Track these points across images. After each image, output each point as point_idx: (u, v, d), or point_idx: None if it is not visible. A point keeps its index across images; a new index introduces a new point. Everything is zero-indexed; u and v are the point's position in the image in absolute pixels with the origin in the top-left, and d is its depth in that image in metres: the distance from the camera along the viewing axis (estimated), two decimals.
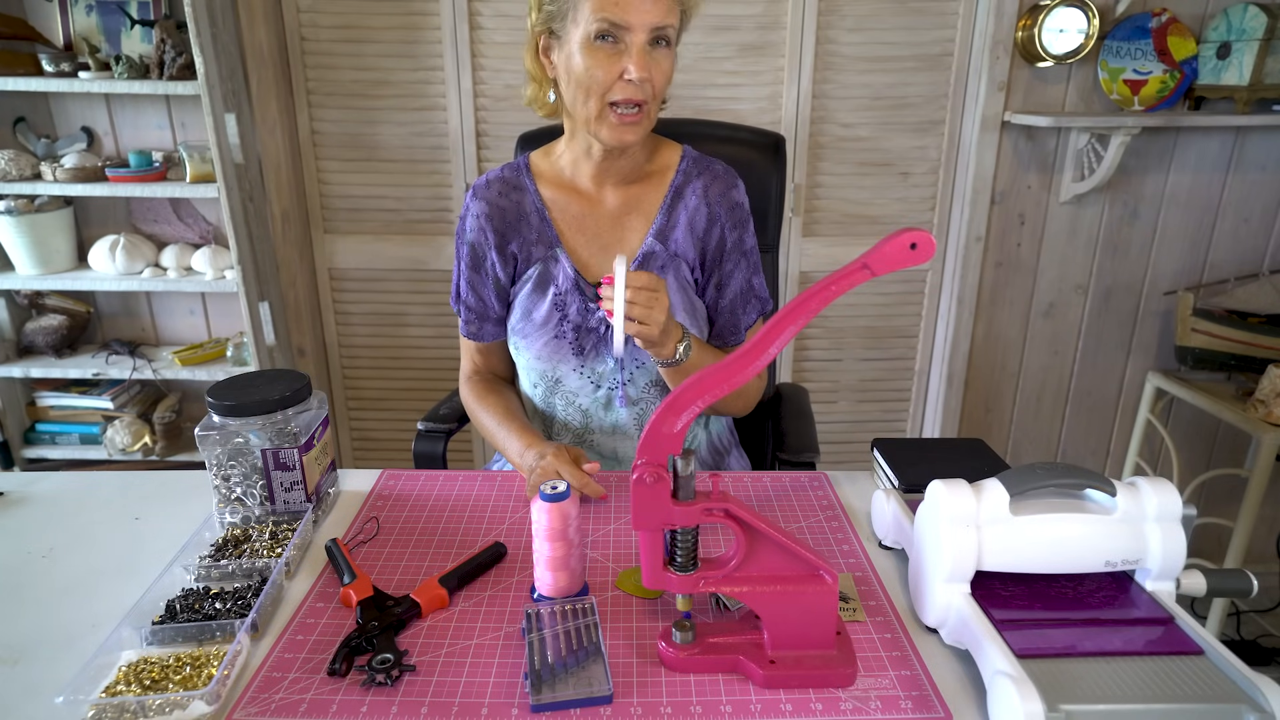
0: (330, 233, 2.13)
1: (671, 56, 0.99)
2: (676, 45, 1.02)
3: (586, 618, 0.74)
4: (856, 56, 1.98)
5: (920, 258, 0.66)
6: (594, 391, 1.13)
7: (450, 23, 1.94)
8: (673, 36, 0.98)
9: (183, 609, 0.75)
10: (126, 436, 2.02)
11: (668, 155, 1.14)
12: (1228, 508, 1.95)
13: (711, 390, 0.67)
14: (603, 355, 1.12)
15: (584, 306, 1.10)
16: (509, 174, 1.13)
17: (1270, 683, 0.59)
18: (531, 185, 1.12)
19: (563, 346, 1.11)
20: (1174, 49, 1.89)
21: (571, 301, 1.10)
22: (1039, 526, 0.71)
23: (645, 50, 0.95)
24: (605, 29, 0.94)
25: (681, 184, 1.11)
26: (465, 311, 1.17)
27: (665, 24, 0.95)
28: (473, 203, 1.12)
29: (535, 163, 1.14)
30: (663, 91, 1.00)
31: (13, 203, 1.91)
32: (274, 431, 0.88)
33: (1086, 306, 2.17)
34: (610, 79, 0.96)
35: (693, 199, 1.11)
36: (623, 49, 0.95)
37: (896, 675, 0.70)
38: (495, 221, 1.11)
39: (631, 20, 0.93)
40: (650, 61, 0.96)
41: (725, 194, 1.11)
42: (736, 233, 1.12)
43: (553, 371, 1.13)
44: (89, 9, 1.89)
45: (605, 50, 0.95)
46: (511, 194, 1.12)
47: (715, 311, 1.15)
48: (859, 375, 2.26)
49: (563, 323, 1.10)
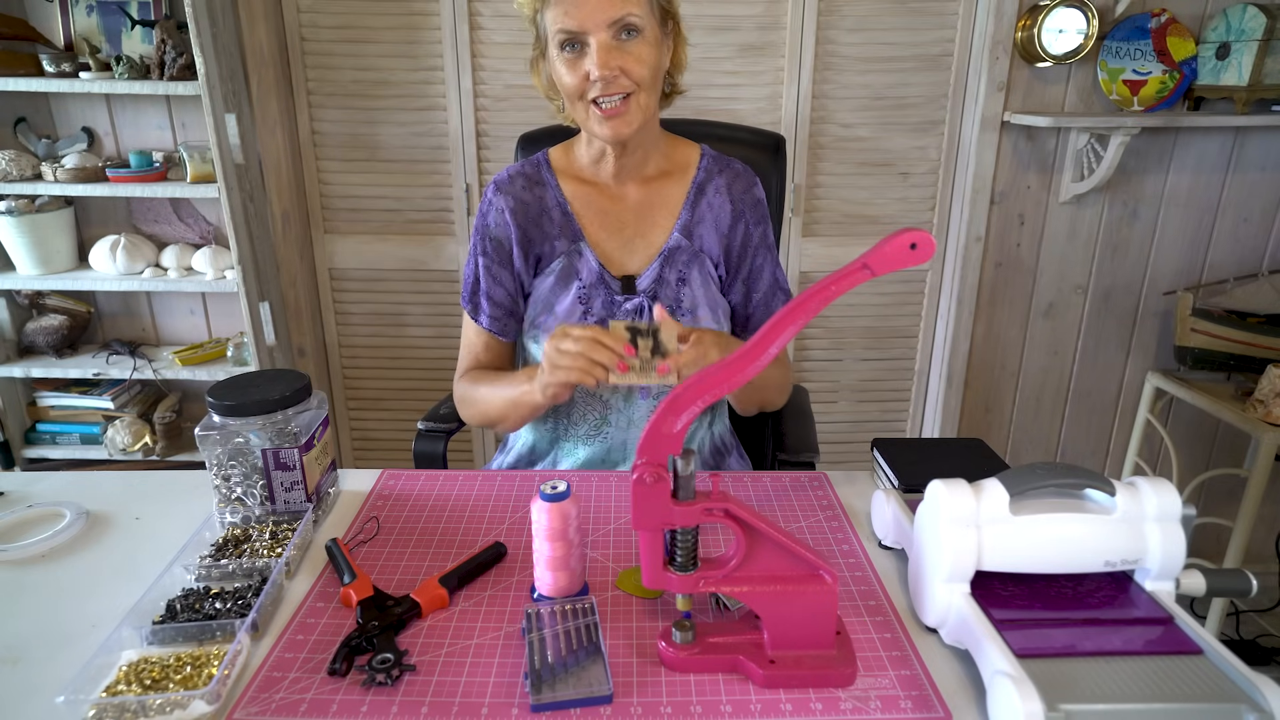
0: (330, 233, 2.13)
1: (648, 43, 0.98)
2: (665, 26, 1.02)
3: (586, 618, 0.74)
4: (856, 56, 1.98)
5: (920, 258, 0.66)
6: (612, 389, 1.12)
7: (450, 23, 1.94)
8: (640, 24, 0.97)
9: (183, 609, 0.75)
10: (127, 436, 2.02)
11: (687, 153, 1.15)
12: (1227, 508, 1.95)
13: (712, 390, 0.67)
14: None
15: (609, 300, 1.10)
16: (529, 169, 1.13)
17: (1270, 682, 0.59)
18: (553, 180, 1.12)
19: None
20: (1173, 49, 1.90)
21: (596, 295, 1.10)
22: (1039, 526, 0.71)
23: (608, 46, 0.95)
24: (565, 38, 0.97)
25: (704, 180, 1.13)
26: (490, 306, 1.14)
27: (623, 14, 0.95)
28: (496, 197, 1.12)
29: (555, 159, 1.15)
30: (650, 79, 0.99)
31: (13, 203, 1.91)
32: (274, 431, 0.88)
33: (1086, 306, 2.17)
34: (580, 83, 0.98)
35: (716, 196, 1.12)
36: (586, 52, 0.97)
37: (896, 675, 0.70)
38: (519, 216, 1.11)
39: (585, 23, 0.95)
40: (618, 55, 0.96)
41: (748, 191, 1.13)
42: (761, 227, 1.14)
43: None
44: (89, 9, 1.89)
45: (571, 58, 0.98)
46: (534, 189, 1.12)
47: (749, 306, 1.16)
48: (859, 375, 2.26)
49: (586, 316, 1.10)
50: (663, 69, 1.04)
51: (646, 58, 0.98)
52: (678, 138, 1.16)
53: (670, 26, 1.04)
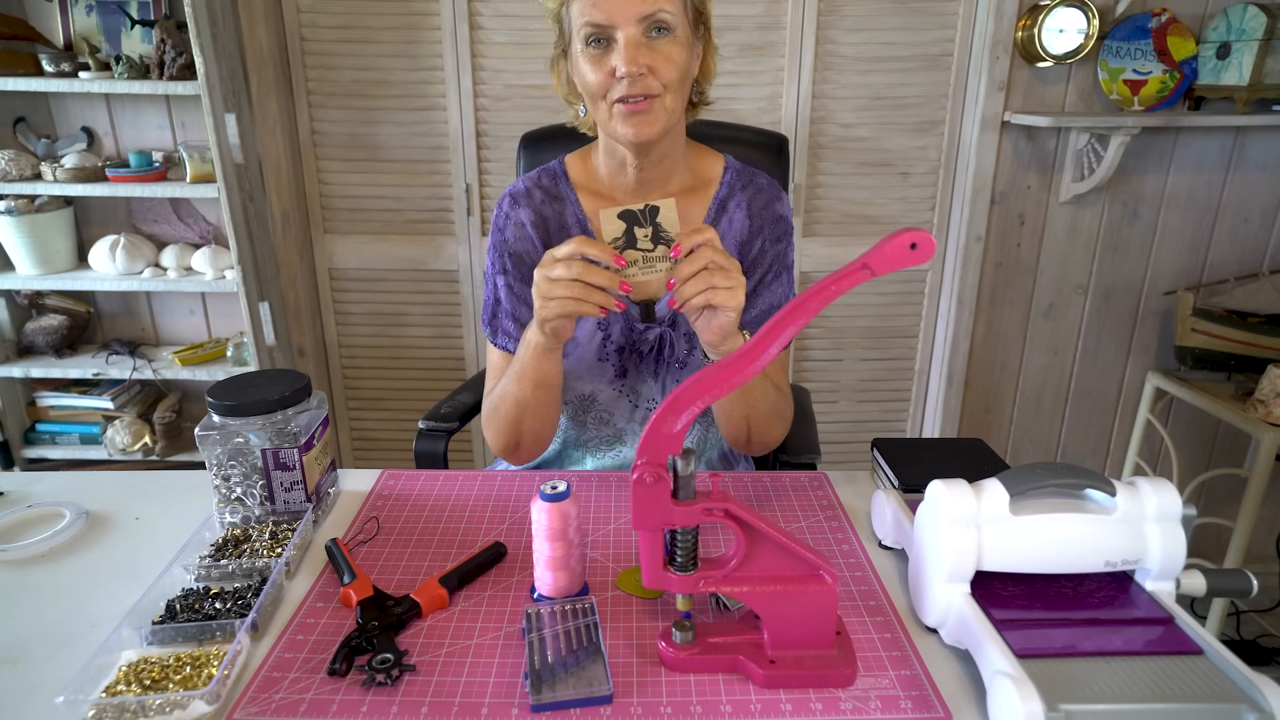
0: (330, 233, 2.13)
1: (679, 43, 0.92)
2: (696, 29, 0.96)
3: (586, 618, 0.74)
4: (856, 56, 1.98)
5: (920, 258, 0.66)
6: (631, 411, 1.11)
7: (450, 23, 1.94)
8: (672, 22, 0.91)
9: (183, 609, 0.75)
10: (126, 436, 2.02)
11: (710, 166, 1.09)
12: (1227, 508, 1.94)
13: (711, 390, 0.67)
14: (644, 375, 1.08)
15: (627, 328, 1.05)
16: (547, 182, 1.08)
17: (1270, 683, 0.59)
18: (572, 195, 1.07)
19: (605, 369, 1.06)
20: (1174, 49, 1.89)
21: (615, 321, 1.05)
22: (1039, 526, 0.71)
23: (637, 42, 0.90)
24: (591, 32, 0.91)
25: (725, 196, 1.07)
26: (515, 327, 1.07)
27: (655, 10, 0.89)
28: (514, 210, 1.06)
29: (572, 170, 1.09)
30: (678, 82, 0.93)
31: (13, 203, 1.91)
32: (274, 431, 0.88)
33: (1086, 306, 2.17)
34: (604, 80, 0.92)
35: (737, 212, 1.07)
36: (613, 48, 0.91)
37: (896, 675, 0.70)
38: (541, 230, 1.05)
39: (614, 17, 0.89)
40: (646, 52, 0.90)
41: (769, 206, 1.07)
42: (780, 245, 1.08)
43: (589, 390, 1.09)
44: (89, 9, 1.89)
45: (597, 54, 0.92)
46: (553, 203, 1.07)
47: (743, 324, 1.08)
48: (859, 375, 2.26)
49: (606, 343, 1.05)
50: (691, 74, 0.98)
51: (676, 58, 0.92)
52: (702, 148, 1.11)
53: (701, 31, 0.99)
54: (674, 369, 1.07)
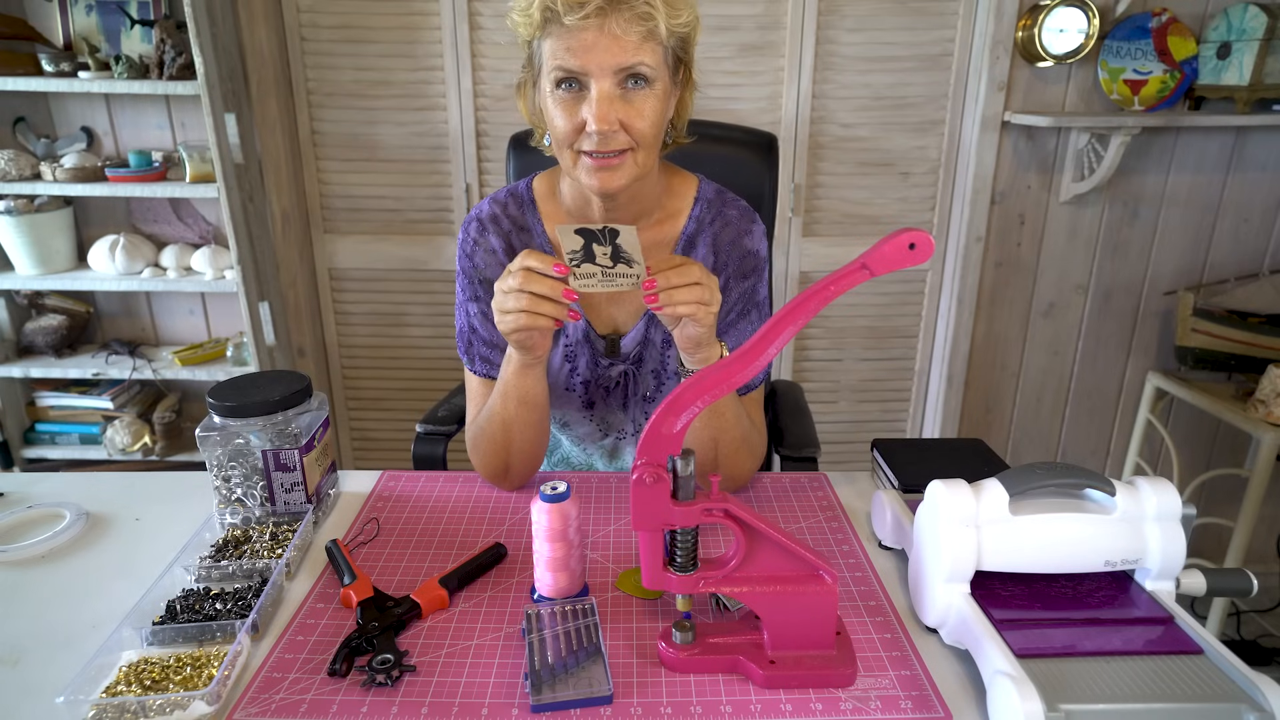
0: (330, 233, 2.13)
1: (656, 96, 0.87)
2: (676, 75, 0.91)
3: (586, 618, 0.74)
4: (856, 56, 1.98)
5: (919, 258, 0.66)
6: (601, 439, 1.12)
7: (450, 23, 1.94)
8: (651, 75, 0.85)
9: (183, 609, 0.75)
10: (126, 436, 2.02)
11: (681, 195, 1.03)
12: (1228, 507, 1.95)
13: (711, 390, 0.67)
14: (612, 407, 1.07)
15: (592, 361, 1.04)
16: (514, 209, 1.04)
17: (1270, 682, 0.59)
18: (539, 226, 1.03)
19: (572, 399, 1.07)
20: (1174, 49, 1.89)
21: (581, 354, 1.04)
22: (1039, 526, 0.71)
23: (610, 96, 0.84)
24: (562, 76, 0.85)
25: (694, 233, 1.02)
26: (491, 351, 1.04)
27: (634, 63, 0.83)
28: (482, 236, 1.03)
29: (540, 194, 1.04)
30: (651, 138, 0.88)
31: (12, 203, 1.91)
32: (274, 432, 0.88)
33: (1086, 306, 2.17)
34: (572, 129, 0.86)
35: (702, 249, 1.02)
36: (585, 96, 0.85)
37: (896, 675, 0.70)
38: (509, 258, 1.03)
39: (588, 66, 0.82)
40: (620, 106, 0.84)
41: (736, 241, 1.02)
42: (748, 282, 1.02)
43: (561, 416, 1.10)
44: (89, 9, 1.89)
45: (567, 98, 0.85)
46: (520, 234, 1.03)
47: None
48: (859, 375, 2.26)
49: (572, 375, 1.05)
50: (666, 122, 0.92)
51: (650, 113, 0.86)
52: (675, 171, 1.05)
53: (682, 75, 0.93)
54: (642, 403, 1.07)
